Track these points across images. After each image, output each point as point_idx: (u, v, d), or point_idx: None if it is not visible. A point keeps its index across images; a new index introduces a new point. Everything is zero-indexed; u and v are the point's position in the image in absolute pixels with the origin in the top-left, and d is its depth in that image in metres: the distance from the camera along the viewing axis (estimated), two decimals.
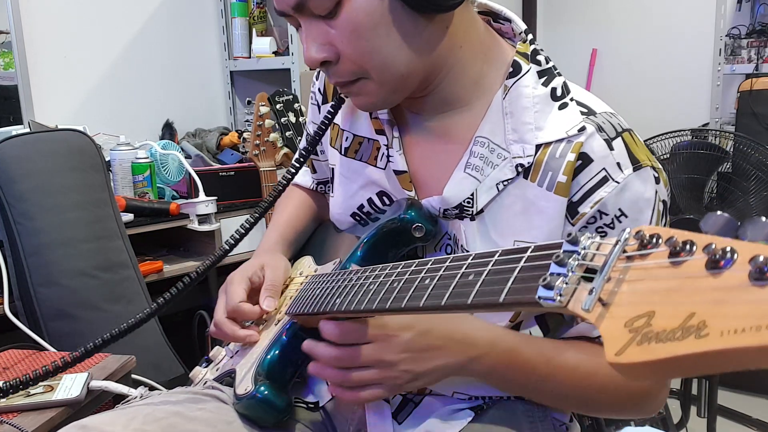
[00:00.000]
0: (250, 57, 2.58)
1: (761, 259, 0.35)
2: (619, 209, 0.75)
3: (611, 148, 0.75)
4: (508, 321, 0.80)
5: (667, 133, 1.97)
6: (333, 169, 0.94)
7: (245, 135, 2.22)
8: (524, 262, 0.49)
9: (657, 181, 0.77)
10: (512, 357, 0.74)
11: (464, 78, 0.80)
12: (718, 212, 0.44)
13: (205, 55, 2.66)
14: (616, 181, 0.74)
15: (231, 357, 0.95)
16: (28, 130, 1.84)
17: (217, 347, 0.99)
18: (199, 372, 0.99)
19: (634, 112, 3.08)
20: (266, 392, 0.80)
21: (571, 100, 0.78)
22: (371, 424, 0.83)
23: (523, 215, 0.77)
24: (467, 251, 0.75)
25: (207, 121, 2.62)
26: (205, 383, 0.95)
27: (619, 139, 0.76)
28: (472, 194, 0.79)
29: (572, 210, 0.76)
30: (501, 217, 0.78)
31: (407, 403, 0.83)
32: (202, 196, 1.93)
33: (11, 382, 0.80)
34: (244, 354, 0.90)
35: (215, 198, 1.93)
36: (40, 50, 2.16)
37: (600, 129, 0.76)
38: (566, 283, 0.43)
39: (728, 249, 0.36)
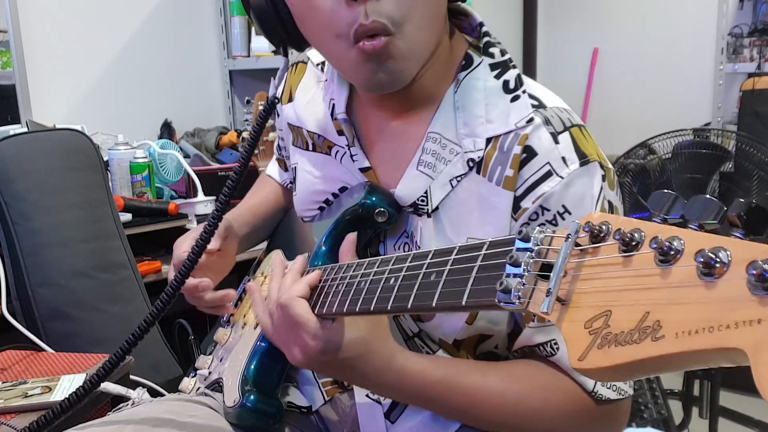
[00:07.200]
0: (249, 56, 2.57)
1: (707, 252, 0.35)
2: (563, 206, 0.72)
3: (557, 142, 0.72)
4: (464, 322, 0.77)
5: (668, 133, 1.96)
6: (295, 167, 0.92)
7: (244, 134, 2.22)
8: (481, 261, 0.50)
9: (603, 179, 0.73)
10: (419, 391, 0.72)
11: (439, 73, 0.77)
12: (664, 190, 0.45)
13: (203, 54, 2.65)
14: (560, 176, 0.71)
15: (217, 365, 0.94)
16: (25, 129, 1.83)
17: (202, 356, 0.99)
18: (188, 383, 0.99)
19: (636, 112, 3.10)
20: (255, 400, 0.79)
21: (524, 92, 0.75)
22: (363, 424, 0.83)
23: (477, 211, 0.75)
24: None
25: (206, 120, 2.61)
26: (197, 390, 0.95)
27: (567, 133, 0.73)
28: (426, 192, 0.77)
29: (516, 205, 0.74)
30: (456, 213, 0.76)
31: (398, 403, 0.82)
32: (200, 195, 1.92)
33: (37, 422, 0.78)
34: (229, 360, 0.90)
35: (214, 198, 1.93)
36: (38, 49, 2.16)
37: (547, 122, 0.73)
38: (523, 284, 0.44)
39: (674, 242, 0.37)
